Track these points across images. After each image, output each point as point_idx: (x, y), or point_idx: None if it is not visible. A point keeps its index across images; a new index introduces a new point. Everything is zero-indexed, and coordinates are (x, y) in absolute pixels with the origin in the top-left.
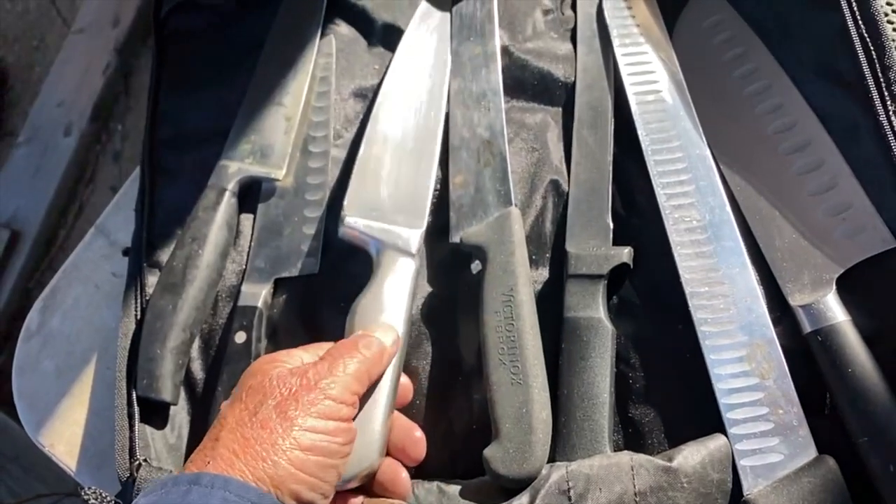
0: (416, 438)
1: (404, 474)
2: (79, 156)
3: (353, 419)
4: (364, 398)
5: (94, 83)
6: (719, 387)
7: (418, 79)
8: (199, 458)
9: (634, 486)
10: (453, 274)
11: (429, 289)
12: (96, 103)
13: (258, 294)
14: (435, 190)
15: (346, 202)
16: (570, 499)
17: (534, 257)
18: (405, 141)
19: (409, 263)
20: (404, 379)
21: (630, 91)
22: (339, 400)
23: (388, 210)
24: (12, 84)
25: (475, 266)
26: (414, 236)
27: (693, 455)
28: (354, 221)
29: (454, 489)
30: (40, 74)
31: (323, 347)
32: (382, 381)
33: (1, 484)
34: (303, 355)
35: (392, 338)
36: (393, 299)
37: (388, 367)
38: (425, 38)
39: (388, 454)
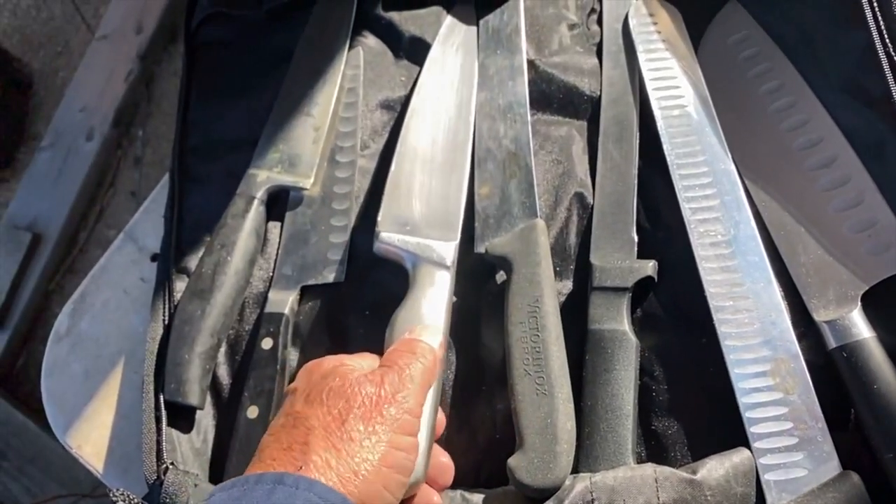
0: (444, 465)
1: (436, 498)
2: (100, 160)
3: None
4: None
5: (116, 89)
6: (743, 401)
7: (446, 93)
8: (286, 458)
9: (658, 499)
10: (478, 284)
11: (453, 298)
12: (118, 109)
13: (285, 301)
14: None
15: (379, 218)
16: None
17: (558, 269)
18: (435, 154)
19: (444, 276)
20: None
21: (655, 105)
22: (413, 414)
23: (422, 224)
24: (36, 89)
25: (500, 276)
26: (448, 249)
27: (717, 468)
28: (389, 237)
29: (478, 498)
30: (64, 80)
31: (377, 359)
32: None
33: (19, 484)
34: (361, 362)
35: (439, 340)
36: (430, 312)
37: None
38: (452, 51)
39: None
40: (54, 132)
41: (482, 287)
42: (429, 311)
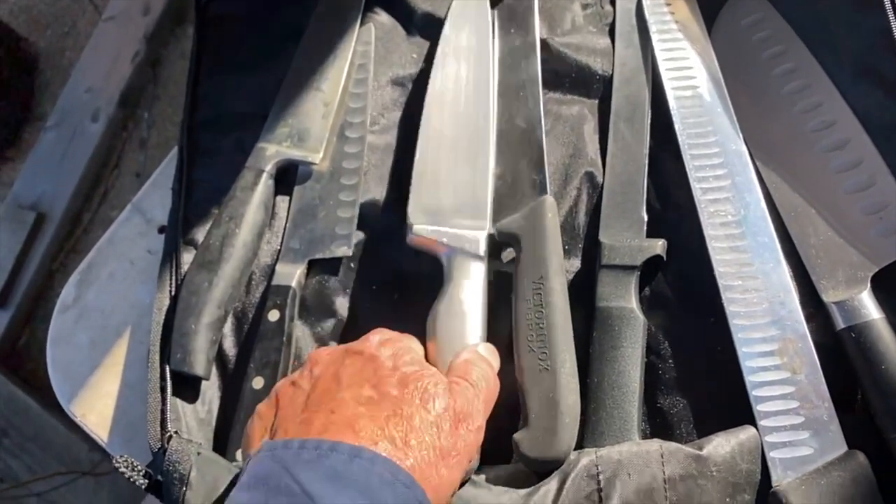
0: None
1: None
2: (105, 142)
3: None
4: None
5: (122, 70)
6: (750, 379)
7: (464, 76)
8: (390, 450)
9: (664, 473)
10: (488, 262)
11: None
12: (124, 90)
13: (292, 274)
14: None
15: (409, 210)
16: (598, 483)
17: (566, 248)
18: (459, 140)
19: (479, 266)
20: None
21: (668, 86)
22: (479, 442)
23: (452, 213)
24: (43, 69)
25: (507, 254)
26: (481, 238)
27: (723, 445)
28: (423, 228)
29: (482, 476)
30: (70, 60)
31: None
32: None
33: (20, 462)
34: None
35: (497, 363)
36: (469, 305)
37: None
38: (465, 30)
39: None
40: (60, 112)
41: (491, 265)
42: (467, 305)
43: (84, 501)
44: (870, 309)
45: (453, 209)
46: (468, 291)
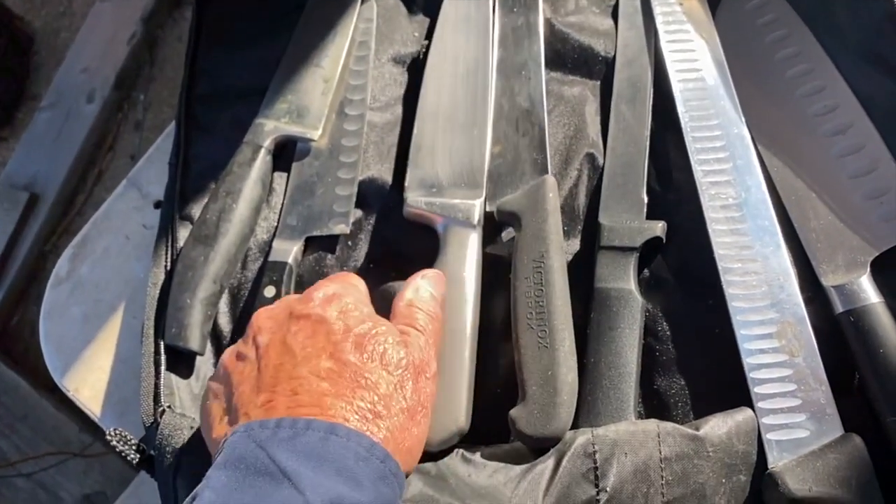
0: None
1: None
2: (100, 123)
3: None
4: (448, 363)
5: (118, 52)
6: (748, 362)
7: (462, 48)
8: (362, 426)
9: (660, 453)
10: (487, 241)
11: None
12: (120, 72)
13: (289, 251)
14: None
15: (406, 183)
16: (595, 462)
17: (566, 229)
18: (456, 112)
19: (473, 236)
20: None
21: (671, 69)
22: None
23: (448, 184)
24: (38, 49)
25: (506, 234)
26: (475, 207)
27: (720, 426)
28: (416, 200)
29: (477, 453)
30: (66, 40)
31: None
32: (463, 343)
33: (9, 442)
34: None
35: (443, 289)
36: (463, 273)
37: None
38: (465, 7)
39: None
40: (55, 93)
41: (490, 243)
42: (461, 273)
43: (74, 482)
44: (869, 293)
45: (448, 180)
46: (462, 260)
